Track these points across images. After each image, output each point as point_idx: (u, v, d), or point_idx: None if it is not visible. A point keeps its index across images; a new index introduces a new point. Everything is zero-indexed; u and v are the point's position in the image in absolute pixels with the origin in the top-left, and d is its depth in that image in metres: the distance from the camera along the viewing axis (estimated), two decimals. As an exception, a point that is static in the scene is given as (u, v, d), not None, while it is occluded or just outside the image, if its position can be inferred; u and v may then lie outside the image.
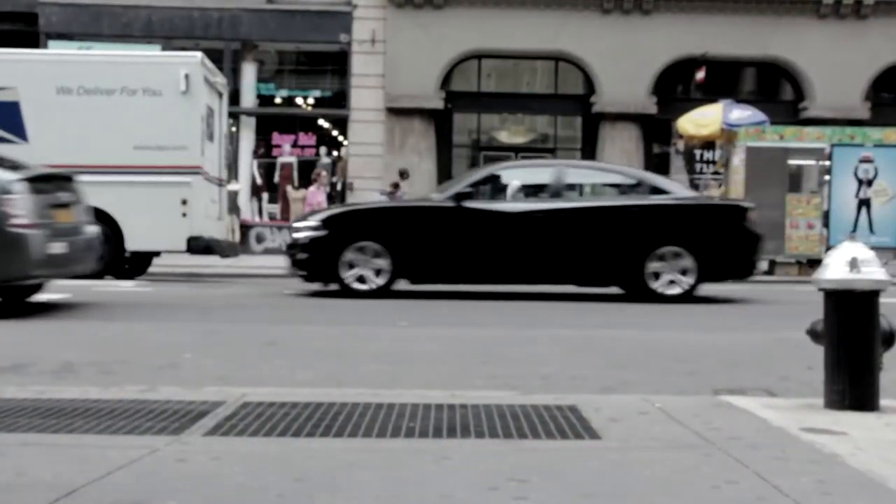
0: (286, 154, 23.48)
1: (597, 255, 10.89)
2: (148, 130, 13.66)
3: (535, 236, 10.88)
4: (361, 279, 10.72)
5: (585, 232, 10.90)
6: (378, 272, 10.72)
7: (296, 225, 11.52)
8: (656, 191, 11.27)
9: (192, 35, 22.37)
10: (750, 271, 11.32)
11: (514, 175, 11.77)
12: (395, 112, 22.58)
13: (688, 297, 10.75)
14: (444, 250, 10.90)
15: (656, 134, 23.35)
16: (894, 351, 4.02)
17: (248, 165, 23.42)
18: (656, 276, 10.76)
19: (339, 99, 23.54)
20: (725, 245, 11.01)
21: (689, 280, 10.77)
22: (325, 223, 10.96)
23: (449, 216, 10.88)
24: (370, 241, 10.72)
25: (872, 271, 3.89)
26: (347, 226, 10.93)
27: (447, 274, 11.12)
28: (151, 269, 15.30)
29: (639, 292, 10.85)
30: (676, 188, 11.87)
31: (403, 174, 20.45)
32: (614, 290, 11.44)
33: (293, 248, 11.16)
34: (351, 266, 10.69)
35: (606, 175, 12.46)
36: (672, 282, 10.77)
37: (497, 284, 11.43)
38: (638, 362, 6.10)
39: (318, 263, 10.85)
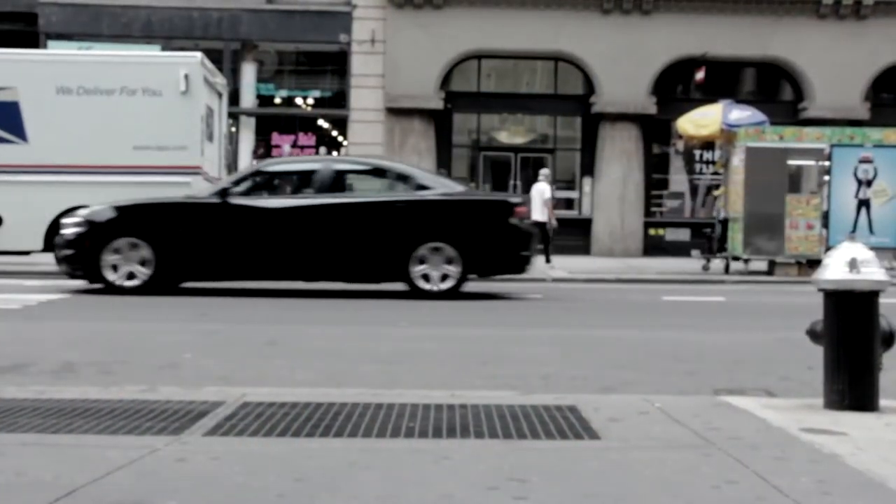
0: (286, 154, 23.47)
1: (361, 251, 10.73)
2: (148, 131, 13.66)
3: (298, 232, 10.71)
4: (127, 275, 10.56)
5: (348, 228, 10.74)
6: (142, 268, 10.56)
7: (63, 221, 11.28)
8: (424, 187, 11.06)
9: (191, 35, 22.36)
10: (521, 266, 11.07)
11: (284, 170, 11.81)
12: (395, 112, 22.57)
13: (454, 294, 10.60)
14: (209, 247, 10.71)
15: (656, 134, 23.33)
16: (894, 351, 4.02)
17: (247, 165, 23.42)
18: (421, 272, 10.62)
19: (338, 99, 23.53)
20: (490, 240, 10.82)
21: (454, 276, 10.63)
22: (89, 219, 10.77)
23: (214, 212, 10.71)
24: (133, 237, 10.57)
25: (872, 272, 3.89)
26: (110, 222, 10.69)
27: (214, 270, 10.89)
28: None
29: (410, 289, 10.66)
30: (442, 184, 11.51)
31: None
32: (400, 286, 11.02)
33: (59, 245, 10.96)
34: (114, 263, 10.55)
35: (372, 171, 12.12)
36: (438, 277, 10.63)
37: (265, 281, 11.24)
38: (638, 362, 6.10)
39: (81, 260, 10.66)
